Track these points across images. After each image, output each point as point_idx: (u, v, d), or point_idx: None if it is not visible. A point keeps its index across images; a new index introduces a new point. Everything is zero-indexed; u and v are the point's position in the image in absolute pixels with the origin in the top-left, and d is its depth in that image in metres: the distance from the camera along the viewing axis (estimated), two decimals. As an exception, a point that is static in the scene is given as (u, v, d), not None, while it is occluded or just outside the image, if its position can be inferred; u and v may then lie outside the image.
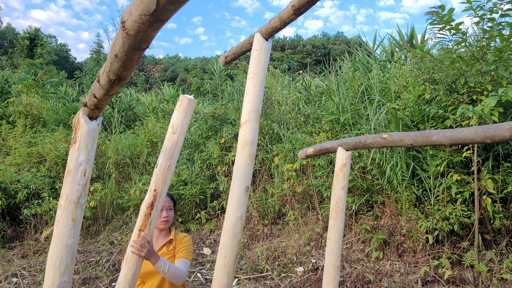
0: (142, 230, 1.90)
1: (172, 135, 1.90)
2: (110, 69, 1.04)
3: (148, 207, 1.86)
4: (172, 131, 1.91)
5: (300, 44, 41.57)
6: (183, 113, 1.95)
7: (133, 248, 1.91)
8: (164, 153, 1.89)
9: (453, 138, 1.78)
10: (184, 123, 1.94)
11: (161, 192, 1.85)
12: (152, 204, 1.85)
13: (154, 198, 1.84)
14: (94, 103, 1.39)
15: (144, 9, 0.76)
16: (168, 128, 1.94)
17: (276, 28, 2.47)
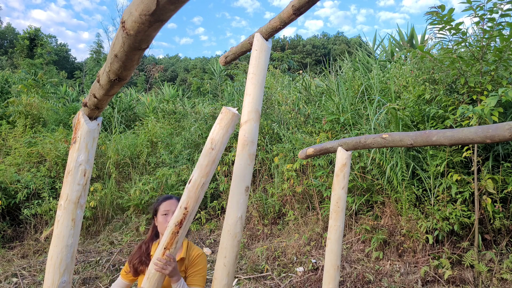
0: (168, 249, 1.84)
1: (210, 151, 1.80)
2: (110, 69, 1.04)
3: (176, 225, 1.80)
4: (211, 146, 1.80)
5: (300, 44, 41.58)
6: (225, 128, 1.86)
7: (157, 266, 1.84)
8: (200, 169, 1.79)
9: (453, 138, 1.78)
10: (225, 139, 1.84)
11: (192, 211, 1.80)
12: (181, 222, 1.79)
13: (184, 216, 1.78)
14: (94, 103, 1.39)
15: (144, 9, 0.76)
16: (206, 143, 1.81)
17: (276, 28, 2.47)
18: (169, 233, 1.81)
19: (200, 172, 1.80)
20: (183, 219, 1.78)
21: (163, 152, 7.20)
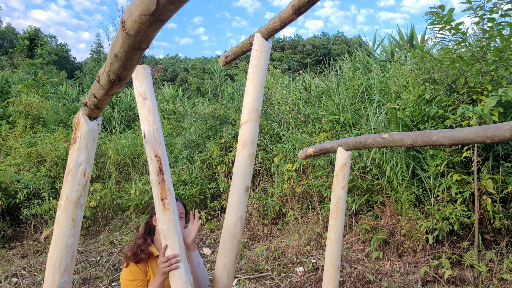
0: (165, 198, 1.80)
1: (144, 102, 1.93)
2: (110, 69, 1.04)
3: (158, 174, 1.81)
4: (142, 98, 1.94)
5: (300, 44, 41.57)
6: (144, 79, 1.99)
7: (166, 267, 1.76)
8: (146, 120, 1.91)
9: (453, 138, 1.78)
10: (148, 88, 1.97)
11: (162, 155, 1.85)
12: (160, 169, 1.82)
13: (159, 164, 1.83)
14: (94, 103, 1.39)
15: (144, 9, 0.76)
16: (137, 97, 1.95)
17: (276, 28, 2.47)
18: (157, 185, 1.80)
19: (147, 122, 1.90)
20: (161, 166, 1.81)
21: (163, 152, 7.18)
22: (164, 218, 1.77)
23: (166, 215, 1.77)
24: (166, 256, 1.75)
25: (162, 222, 1.77)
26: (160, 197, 1.79)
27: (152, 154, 1.81)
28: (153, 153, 1.82)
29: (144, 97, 1.95)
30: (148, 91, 1.95)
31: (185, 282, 1.76)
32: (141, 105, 1.92)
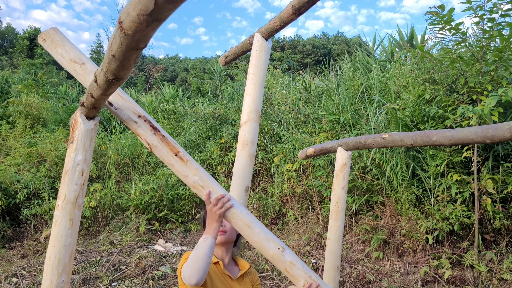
0: (178, 152, 1.59)
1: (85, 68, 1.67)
2: (108, 69, 1.04)
3: (154, 133, 1.58)
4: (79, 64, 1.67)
5: (300, 44, 41.57)
6: (66, 43, 1.73)
7: (220, 208, 1.55)
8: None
9: (453, 138, 1.77)
10: (78, 52, 1.72)
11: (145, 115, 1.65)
12: (154, 128, 1.58)
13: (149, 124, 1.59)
14: (92, 103, 1.39)
15: (142, 9, 0.76)
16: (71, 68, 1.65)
17: (276, 28, 2.47)
18: (161, 144, 1.58)
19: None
20: (152, 124, 1.59)
21: (163, 152, 7.18)
22: (190, 170, 1.58)
23: (189, 166, 1.58)
24: (215, 198, 1.55)
25: (191, 175, 1.58)
26: (173, 153, 1.59)
27: (134, 116, 1.59)
28: (135, 115, 1.59)
29: (81, 61, 1.67)
30: (79, 54, 1.68)
31: (247, 214, 1.62)
32: (84, 73, 1.65)
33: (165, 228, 6.16)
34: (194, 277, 1.49)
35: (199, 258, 1.52)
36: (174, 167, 1.59)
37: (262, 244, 1.58)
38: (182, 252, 5.27)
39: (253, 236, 1.58)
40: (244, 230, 1.59)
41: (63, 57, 1.67)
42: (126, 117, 1.58)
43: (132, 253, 5.20)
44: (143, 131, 1.59)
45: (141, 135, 1.60)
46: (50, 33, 1.70)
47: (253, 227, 1.58)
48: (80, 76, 1.65)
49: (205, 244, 1.56)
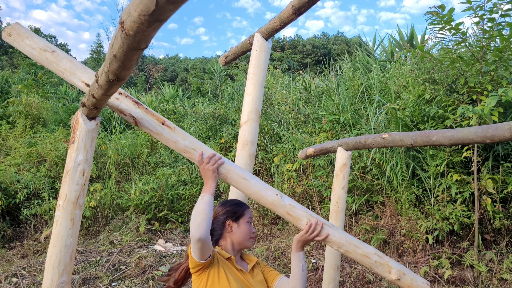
0: (164, 121, 1.66)
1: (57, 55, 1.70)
2: (109, 69, 1.04)
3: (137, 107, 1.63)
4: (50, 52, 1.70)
5: (300, 44, 41.55)
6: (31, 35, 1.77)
7: (212, 164, 1.65)
8: (79, 71, 1.70)
9: (453, 138, 1.78)
10: (45, 43, 1.76)
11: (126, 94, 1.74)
12: (135, 102, 1.63)
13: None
14: (93, 103, 1.39)
15: (143, 10, 0.76)
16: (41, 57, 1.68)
17: (276, 28, 2.47)
18: (147, 115, 1.63)
19: (79, 73, 1.70)
20: (133, 99, 1.66)
21: (163, 152, 7.20)
22: (179, 136, 1.65)
23: (177, 133, 1.65)
24: (207, 156, 1.65)
25: (181, 141, 1.65)
26: (159, 122, 1.65)
27: (115, 94, 1.61)
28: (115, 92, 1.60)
29: (52, 50, 1.69)
30: (47, 43, 1.70)
31: (241, 169, 1.70)
32: (56, 60, 1.67)
33: (165, 228, 6.16)
34: (197, 232, 1.54)
35: (199, 214, 1.58)
36: (162, 135, 1.64)
37: (261, 193, 1.64)
38: (182, 252, 5.27)
39: (251, 187, 1.64)
40: (240, 183, 1.65)
41: (32, 48, 1.69)
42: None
43: (132, 253, 5.20)
44: (126, 106, 1.63)
45: (125, 111, 1.63)
46: (15, 27, 1.72)
47: (249, 179, 1.65)
48: (53, 64, 1.68)
49: (202, 201, 1.61)
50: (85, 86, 1.62)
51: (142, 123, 1.62)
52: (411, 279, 1.65)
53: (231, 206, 1.90)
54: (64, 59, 1.68)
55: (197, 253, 1.62)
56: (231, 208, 1.89)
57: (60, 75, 1.69)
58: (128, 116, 1.63)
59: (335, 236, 1.67)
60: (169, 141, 1.64)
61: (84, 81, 1.64)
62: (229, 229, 1.86)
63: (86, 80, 1.65)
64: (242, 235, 1.87)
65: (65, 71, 1.67)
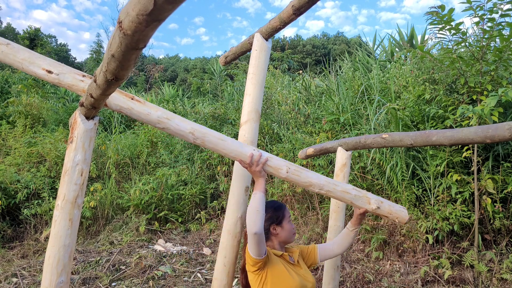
0: (134, 96, 1.76)
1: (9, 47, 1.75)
2: (107, 69, 1.04)
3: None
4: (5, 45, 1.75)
5: (300, 44, 41.54)
6: None
7: (258, 166, 1.81)
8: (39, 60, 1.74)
9: (453, 138, 1.77)
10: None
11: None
12: None
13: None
14: (91, 102, 1.39)
15: (141, 9, 0.76)
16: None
17: (276, 28, 2.47)
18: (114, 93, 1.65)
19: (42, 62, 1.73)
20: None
21: (163, 152, 7.20)
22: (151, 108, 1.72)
23: (148, 105, 1.73)
24: (253, 160, 1.81)
25: (153, 112, 1.72)
26: (129, 98, 1.71)
27: (79, 77, 1.67)
28: (78, 75, 1.67)
29: (6, 43, 1.74)
30: (1, 38, 1.76)
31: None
32: (12, 51, 1.71)
33: (165, 228, 6.16)
34: (253, 228, 1.73)
35: (253, 211, 1.76)
36: (134, 109, 1.69)
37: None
38: (182, 252, 5.27)
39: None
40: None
41: None
42: (70, 79, 1.66)
43: (132, 253, 5.20)
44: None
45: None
46: None
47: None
48: (9, 56, 1.70)
49: (255, 199, 1.80)
50: (46, 73, 1.64)
51: (112, 101, 1.66)
52: (389, 206, 1.91)
53: (272, 211, 2.04)
54: (21, 50, 1.71)
55: (254, 249, 1.78)
56: (272, 214, 2.03)
57: (19, 66, 1.70)
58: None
59: (314, 179, 1.82)
60: (141, 114, 1.68)
61: (44, 68, 1.65)
62: (274, 233, 2.03)
63: (46, 66, 1.66)
64: (286, 234, 2.04)
65: (23, 61, 1.69)
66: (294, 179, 1.84)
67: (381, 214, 1.91)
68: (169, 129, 1.72)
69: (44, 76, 1.64)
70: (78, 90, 1.65)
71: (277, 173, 1.84)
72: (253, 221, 1.73)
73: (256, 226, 1.73)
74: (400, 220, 1.91)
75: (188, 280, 4.44)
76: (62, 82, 1.65)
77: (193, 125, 1.77)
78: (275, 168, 1.84)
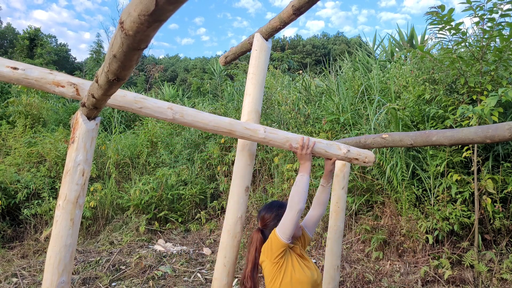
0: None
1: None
2: (109, 69, 1.04)
3: None
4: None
5: (300, 44, 41.52)
6: None
7: (308, 149, 2.04)
8: None
9: (452, 138, 1.78)
10: None
11: None
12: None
13: None
14: (93, 103, 1.39)
15: (143, 10, 0.76)
16: None
17: (276, 28, 2.47)
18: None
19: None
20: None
21: (163, 152, 7.20)
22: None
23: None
24: (303, 144, 2.05)
25: (129, 94, 1.80)
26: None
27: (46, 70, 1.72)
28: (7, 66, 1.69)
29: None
30: None
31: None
32: None
33: (165, 228, 6.16)
34: (299, 205, 1.90)
35: (301, 191, 1.95)
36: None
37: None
38: (182, 252, 5.27)
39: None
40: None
41: None
42: (37, 73, 1.68)
43: (132, 253, 5.20)
44: (62, 77, 1.70)
45: (62, 81, 1.70)
46: None
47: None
48: None
49: (302, 181, 1.98)
50: (11, 69, 1.63)
51: (84, 88, 1.68)
52: (357, 150, 2.20)
53: (276, 209, 2.13)
54: None
55: (290, 228, 1.89)
56: (277, 211, 2.11)
57: None
58: (68, 85, 1.66)
59: (290, 136, 2.09)
60: (117, 96, 1.75)
61: (8, 66, 1.64)
62: None
63: (11, 64, 1.65)
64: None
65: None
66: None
67: (351, 157, 2.17)
68: (148, 108, 1.77)
69: (10, 74, 1.62)
70: (47, 83, 1.64)
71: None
72: (301, 200, 1.91)
73: (301, 203, 1.90)
74: (368, 160, 2.19)
75: (188, 280, 4.45)
76: (29, 77, 1.63)
77: (170, 103, 1.87)
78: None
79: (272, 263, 1.93)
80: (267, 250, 1.96)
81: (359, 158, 2.17)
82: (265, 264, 1.97)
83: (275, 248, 1.91)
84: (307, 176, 2.00)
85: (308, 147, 2.04)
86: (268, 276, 1.94)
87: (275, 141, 2.07)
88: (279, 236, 1.90)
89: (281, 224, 1.93)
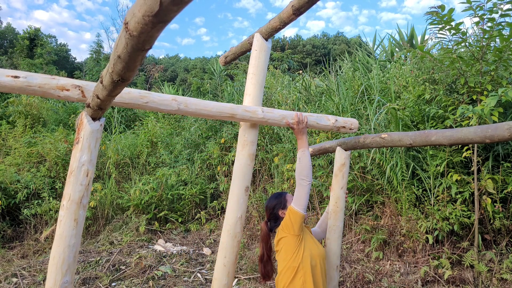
0: None
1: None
2: (113, 70, 1.04)
3: None
4: None
5: (300, 44, 41.52)
6: None
7: (304, 123, 2.28)
8: None
9: (452, 138, 1.78)
10: None
11: None
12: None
13: None
14: (97, 104, 1.40)
15: (147, 10, 0.77)
16: None
17: (276, 28, 2.47)
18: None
19: None
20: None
21: (163, 152, 7.20)
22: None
23: None
24: (300, 120, 2.29)
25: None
26: None
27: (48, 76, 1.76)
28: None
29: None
30: None
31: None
32: None
33: (165, 228, 6.16)
34: (308, 178, 2.13)
35: (307, 166, 2.16)
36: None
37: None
38: (182, 252, 5.28)
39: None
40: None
41: None
42: (40, 80, 1.67)
43: (132, 253, 5.20)
44: (65, 81, 1.71)
45: (66, 85, 1.70)
46: None
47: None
48: None
49: (305, 155, 2.19)
50: (12, 78, 1.60)
51: (89, 89, 1.69)
52: (343, 118, 2.55)
53: (274, 200, 2.40)
54: None
55: (305, 200, 2.10)
56: (276, 201, 2.38)
57: None
58: (73, 88, 1.67)
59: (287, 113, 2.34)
60: (122, 93, 1.78)
61: (9, 75, 1.61)
62: (283, 215, 2.32)
63: (12, 73, 1.63)
64: None
65: None
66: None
67: (339, 125, 2.52)
68: (153, 101, 1.84)
69: (11, 83, 1.58)
70: (51, 89, 1.62)
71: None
72: (309, 173, 2.13)
73: (310, 176, 2.12)
74: (354, 126, 2.58)
75: (188, 280, 4.45)
76: (32, 84, 1.59)
77: (174, 95, 1.96)
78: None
79: (294, 236, 2.14)
80: (286, 226, 2.16)
81: (345, 126, 2.53)
82: (286, 240, 2.17)
83: (295, 221, 2.11)
84: (307, 150, 2.19)
85: (303, 122, 2.27)
86: (290, 250, 2.14)
87: (273, 119, 2.27)
88: (296, 209, 2.10)
89: (295, 198, 2.12)
